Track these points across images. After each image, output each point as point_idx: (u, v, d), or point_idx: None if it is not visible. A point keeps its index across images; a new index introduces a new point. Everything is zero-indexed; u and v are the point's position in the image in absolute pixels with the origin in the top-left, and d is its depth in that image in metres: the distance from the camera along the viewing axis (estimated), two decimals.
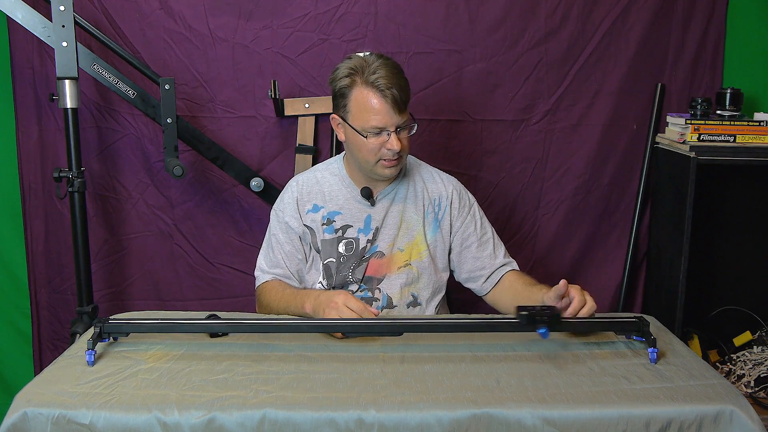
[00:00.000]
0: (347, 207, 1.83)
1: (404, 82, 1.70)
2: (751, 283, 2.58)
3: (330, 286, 1.83)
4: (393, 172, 1.75)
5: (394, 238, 1.83)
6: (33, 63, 2.39)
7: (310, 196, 1.85)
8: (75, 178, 2.15)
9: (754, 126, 2.28)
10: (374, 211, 1.83)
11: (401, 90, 1.67)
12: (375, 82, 1.66)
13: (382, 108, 1.67)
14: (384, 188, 1.84)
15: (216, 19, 2.39)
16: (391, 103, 1.66)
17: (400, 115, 1.69)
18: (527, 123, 2.50)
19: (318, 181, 1.86)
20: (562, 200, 2.55)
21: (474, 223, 1.87)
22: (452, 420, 1.20)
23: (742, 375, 2.36)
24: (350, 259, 1.82)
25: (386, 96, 1.66)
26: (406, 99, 1.69)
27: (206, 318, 1.54)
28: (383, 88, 1.65)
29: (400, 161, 1.75)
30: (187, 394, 1.25)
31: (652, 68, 2.50)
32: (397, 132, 1.69)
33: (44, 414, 1.20)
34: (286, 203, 1.86)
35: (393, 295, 1.81)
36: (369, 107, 1.68)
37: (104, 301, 2.50)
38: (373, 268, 1.82)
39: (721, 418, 1.22)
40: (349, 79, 1.70)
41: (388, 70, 1.68)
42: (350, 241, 1.82)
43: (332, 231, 1.82)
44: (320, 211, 1.83)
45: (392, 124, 1.68)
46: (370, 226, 1.83)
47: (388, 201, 1.84)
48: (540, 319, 1.38)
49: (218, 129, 2.45)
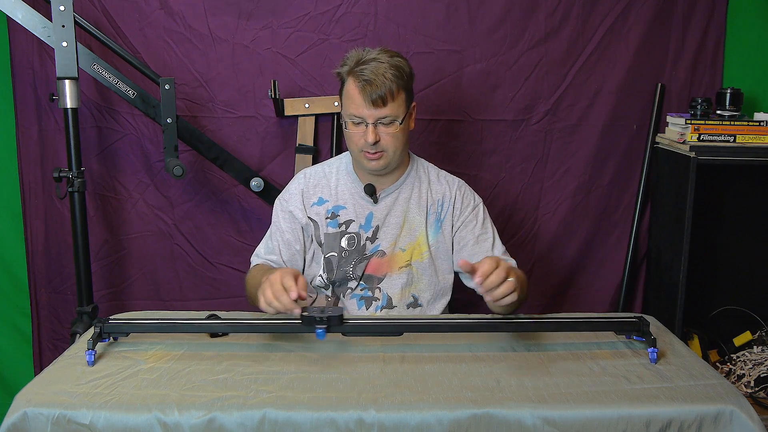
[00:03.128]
0: (351, 202, 1.84)
1: (393, 74, 1.69)
2: (751, 283, 2.58)
3: (330, 281, 1.83)
4: (375, 166, 1.76)
5: (396, 238, 1.83)
6: (33, 63, 2.38)
7: (316, 189, 1.86)
8: (75, 178, 2.15)
9: (754, 126, 2.28)
10: (376, 209, 1.84)
11: (382, 83, 1.67)
12: (358, 72, 1.69)
13: (358, 98, 1.70)
14: (387, 187, 1.85)
15: (216, 19, 2.39)
16: (366, 94, 1.68)
17: (378, 108, 1.69)
18: (527, 123, 2.50)
19: (326, 174, 1.88)
20: (562, 200, 2.55)
21: (475, 222, 1.86)
22: (452, 420, 1.20)
23: (742, 375, 2.36)
24: (352, 255, 1.82)
25: (363, 88, 1.68)
26: (388, 92, 1.68)
27: (206, 318, 1.54)
28: (362, 79, 1.68)
29: (384, 157, 1.75)
30: (187, 394, 1.25)
31: (652, 68, 2.50)
32: (376, 125, 1.71)
33: (44, 414, 1.20)
34: (292, 193, 1.87)
35: (393, 295, 1.82)
36: (351, 95, 1.72)
37: (104, 301, 2.50)
38: (373, 266, 1.82)
39: (721, 418, 1.22)
40: (345, 68, 1.75)
41: (377, 63, 1.69)
42: (352, 236, 1.83)
43: (336, 225, 1.83)
44: (324, 205, 1.84)
45: (369, 115, 1.70)
46: (371, 223, 1.83)
47: (391, 200, 1.85)
48: (320, 320, 1.39)
49: (218, 129, 2.45)
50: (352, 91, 1.71)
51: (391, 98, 1.70)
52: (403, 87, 1.72)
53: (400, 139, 1.75)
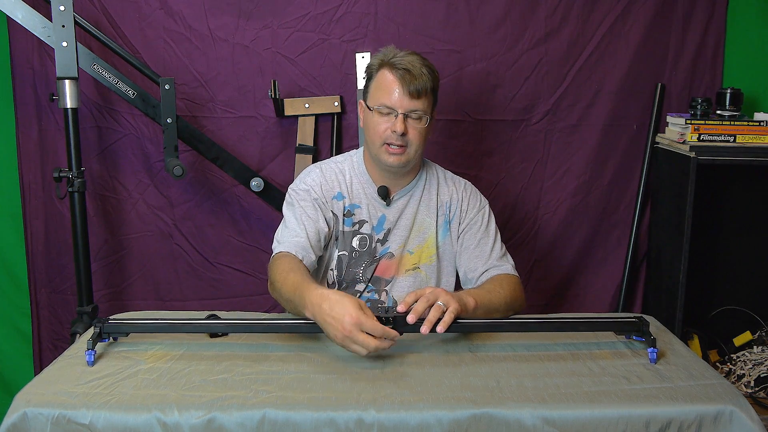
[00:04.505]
0: (366, 202, 1.81)
1: (428, 72, 1.71)
2: (751, 283, 2.58)
3: (339, 280, 1.81)
4: (395, 161, 1.73)
5: (405, 240, 1.82)
6: (33, 63, 2.39)
7: (333, 184, 1.81)
8: (75, 178, 2.15)
9: (754, 126, 2.28)
10: (389, 212, 1.82)
11: (420, 76, 1.69)
12: (396, 62, 1.71)
13: (395, 87, 1.70)
14: (401, 189, 1.83)
15: (216, 19, 2.39)
16: (405, 84, 1.69)
17: (412, 100, 1.70)
18: (527, 123, 2.50)
19: (341, 170, 1.83)
20: (562, 200, 2.55)
21: (479, 225, 1.84)
22: (452, 420, 1.20)
23: (742, 375, 2.36)
24: (362, 256, 1.81)
25: (403, 77, 1.69)
26: (423, 88, 1.70)
27: (206, 318, 1.54)
28: (401, 68, 1.69)
29: (405, 152, 1.73)
30: (187, 394, 1.25)
31: (652, 68, 2.50)
32: (405, 118, 1.70)
33: (44, 414, 1.20)
34: (313, 184, 1.78)
35: (399, 298, 1.80)
36: (384, 85, 1.72)
37: (104, 301, 2.50)
38: (381, 268, 1.82)
39: (721, 418, 1.22)
40: (378, 61, 1.75)
41: (413, 57, 1.72)
42: (364, 237, 1.81)
43: (351, 224, 1.81)
44: (343, 201, 1.80)
45: (401, 105, 1.70)
46: (383, 226, 1.82)
47: (403, 202, 1.83)
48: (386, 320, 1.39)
49: (218, 129, 2.45)
50: (389, 80, 1.71)
51: (425, 93, 1.71)
52: (434, 88, 1.75)
53: (423, 137, 1.75)
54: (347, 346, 1.35)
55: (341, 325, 1.33)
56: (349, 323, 1.32)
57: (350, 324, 1.32)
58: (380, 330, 1.34)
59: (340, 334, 1.33)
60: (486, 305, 1.58)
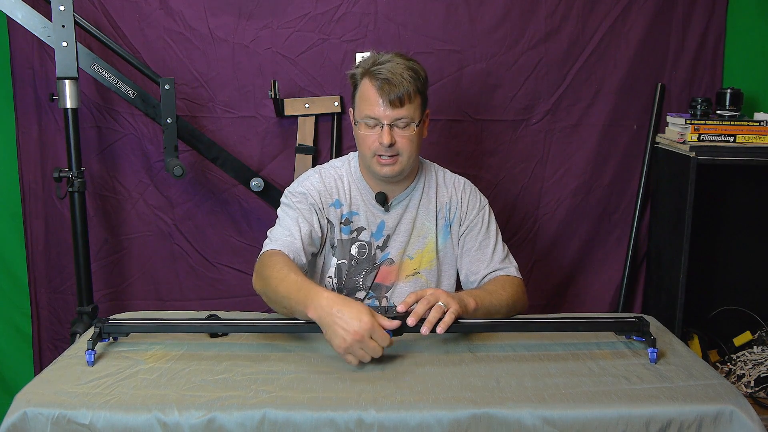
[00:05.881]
0: (364, 209, 1.79)
1: (410, 76, 1.66)
2: (751, 283, 2.58)
3: (339, 288, 1.79)
4: (388, 171, 1.70)
5: (405, 246, 1.81)
6: (33, 63, 2.39)
7: (332, 191, 1.78)
8: (75, 178, 2.15)
9: (754, 126, 2.28)
10: (388, 218, 1.80)
11: (400, 83, 1.63)
12: (375, 72, 1.66)
13: (375, 98, 1.65)
14: (399, 194, 1.80)
15: (216, 19, 2.39)
16: (384, 94, 1.64)
17: (395, 109, 1.65)
18: (527, 123, 2.50)
19: (340, 176, 1.80)
20: (562, 200, 2.55)
21: (480, 226, 1.82)
22: (452, 420, 1.20)
23: (742, 375, 2.36)
24: (362, 264, 1.79)
25: (382, 87, 1.64)
26: (406, 93, 1.64)
27: (206, 318, 1.54)
28: (380, 78, 1.64)
29: (398, 161, 1.69)
30: (187, 394, 1.25)
31: (652, 68, 2.50)
32: (391, 127, 1.66)
33: (44, 414, 1.20)
34: (310, 189, 1.76)
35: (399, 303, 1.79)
36: (366, 96, 1.68)
37: (104, 301, 2.50)
38: (382, 275, 1.80)
39: (721, 418, 1.22)
40: (360, 70, 1.71)
41: (394, 64, 1.66)
42: (363, 245, 1.79)
43: (348, 232, 1.79)
44: (341, 209, 1.78)
45: (385, 116, 1.65)
46: (383, 232, 1.80)
47: (402, 208, 1.81)
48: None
49: (218, 129, 2.45)
50: (369, 91, 1.67)
51: (408, 100, 1.65)
52: (419, 90, 1.68)
53: (415, 143, 1.70)
54: (353, 350, 1.34)
55: (353, 330, 1.33)
56: (363, 329, 1.33)
57: (364, 329, 1.33)
58: (388, 341, 1.36)
59: (351, 338, 1.33)
60: (487, 306, 1.57)
